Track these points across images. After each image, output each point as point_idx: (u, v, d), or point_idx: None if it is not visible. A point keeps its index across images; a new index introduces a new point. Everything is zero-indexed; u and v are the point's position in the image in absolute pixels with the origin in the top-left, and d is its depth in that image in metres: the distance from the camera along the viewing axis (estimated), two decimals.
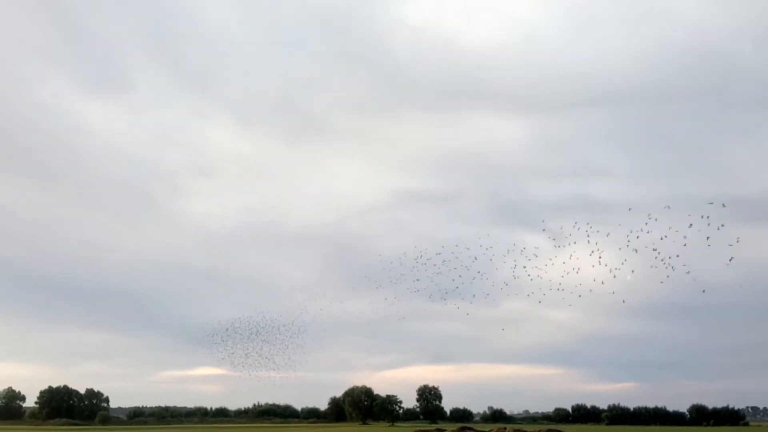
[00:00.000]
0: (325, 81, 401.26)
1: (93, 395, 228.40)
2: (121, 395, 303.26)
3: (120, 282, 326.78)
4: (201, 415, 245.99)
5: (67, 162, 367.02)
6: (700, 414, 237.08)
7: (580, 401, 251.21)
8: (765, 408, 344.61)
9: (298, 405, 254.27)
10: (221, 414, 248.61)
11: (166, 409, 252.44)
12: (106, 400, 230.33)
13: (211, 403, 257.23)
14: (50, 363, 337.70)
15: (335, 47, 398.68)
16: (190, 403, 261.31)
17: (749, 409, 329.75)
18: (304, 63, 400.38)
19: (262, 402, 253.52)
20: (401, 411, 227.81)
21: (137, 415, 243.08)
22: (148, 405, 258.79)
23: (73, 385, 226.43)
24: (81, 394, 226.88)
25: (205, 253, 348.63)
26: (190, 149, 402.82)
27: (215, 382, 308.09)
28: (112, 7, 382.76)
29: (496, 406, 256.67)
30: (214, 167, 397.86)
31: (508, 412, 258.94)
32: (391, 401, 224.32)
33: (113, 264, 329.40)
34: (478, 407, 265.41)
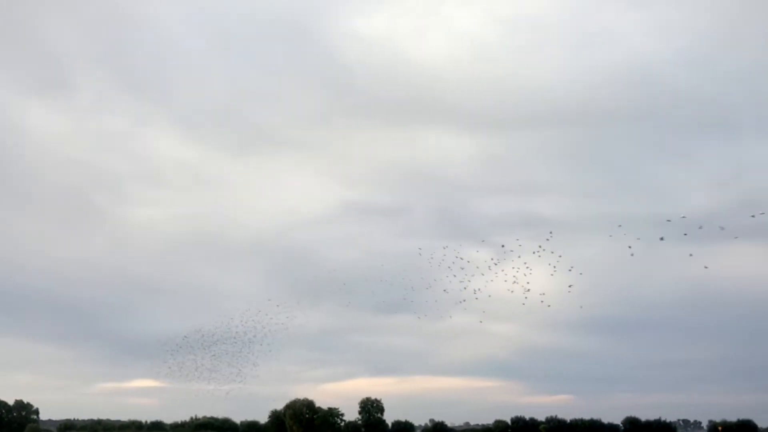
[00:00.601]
0: (276, 93, 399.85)
1: (22, 407, 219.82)
2: (52, 407, 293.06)
3: (55, 289, 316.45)
4: (135, 428, 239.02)
5: (6, 166, 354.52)
6: (633, 426, 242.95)
7: (519, 413, 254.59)
8: (695, 421, 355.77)
9: (238, 418, 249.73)
10: (157, 427, 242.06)
11: (99, 422, 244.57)
12: (36, 412, 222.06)
13: (147, 417, 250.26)
14: None
15: (287, 60, 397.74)
16: (125, 416, 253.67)
17: (680, 422, 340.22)
18: (254, 75, 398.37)
19: (200, 415, 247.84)
20: (343, 424, 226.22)
21: (68, 427, 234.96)
22: (80, 417, 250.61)
23: (1, 397, 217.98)
24: (9, 406, 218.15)
25: (147, 263, 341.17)
26: (135, 156, 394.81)
27: (151, 394, 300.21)
28: (59, 11, 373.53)
29: (437, 419, 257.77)
30: (159, 175, 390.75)
31: (449, 424, 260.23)
32: (333, 414, 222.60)
33: (49, 271, 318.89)
34: (419, 419, 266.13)
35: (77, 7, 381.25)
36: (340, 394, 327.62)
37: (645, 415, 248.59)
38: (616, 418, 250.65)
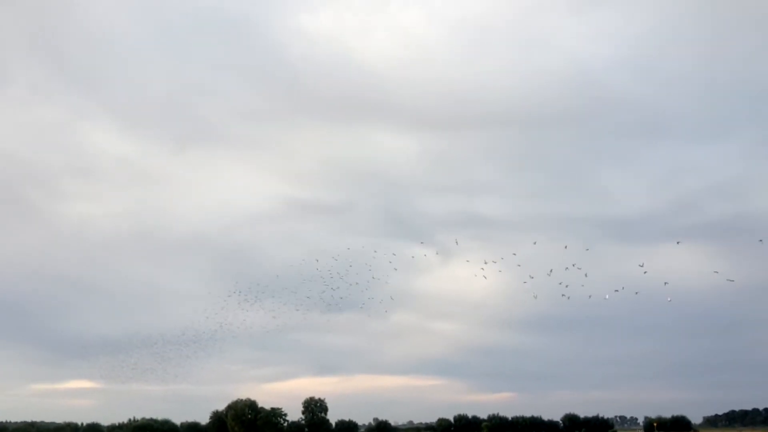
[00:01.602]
0: (218, 87, 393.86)
1: None
2: None
3: None
4: (71, 430, 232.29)
5: None
6: (572, 422, 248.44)
7: (462, 411, 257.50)
8: (632, 417, 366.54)
9: (178, 419, 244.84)
10: (93, 429, 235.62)
11: (32, 424, 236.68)
12: None
13: (83, 418, 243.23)
14: None
15: (229, 54, 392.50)
16: (60, 418, 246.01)
17: (618, 418, 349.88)
18: (196, 68, 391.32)
19: (139, 416, 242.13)
20: (286, 424, 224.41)
21: (1, 430, 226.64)
22: (13, 420, 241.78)
23: None
24: None
25: (82, 260, 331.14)
26: (69, 150, 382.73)
27: (88, 395, 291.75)
28: None
29: (381, 418, 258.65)
30: (94, 170, 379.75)
31: (393, 423, 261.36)
32: (275, 414, 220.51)
33: None
34: (363, 419, 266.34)
35: None
36: (283, 393, 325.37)
37: (584, 411, 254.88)
38: (556, 415, 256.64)
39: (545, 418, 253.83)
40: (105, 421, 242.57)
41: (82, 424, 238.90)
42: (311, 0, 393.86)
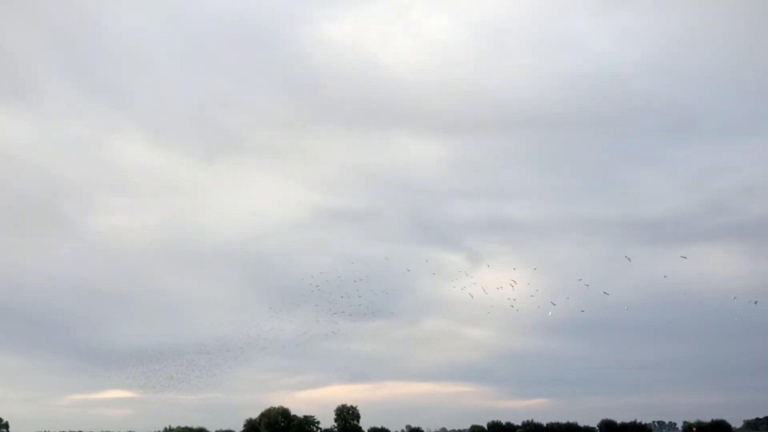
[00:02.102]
0: (245, 98, 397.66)
1: None
2: (23, 420, 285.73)
3: (23, 301, 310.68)
4: None
5: None
6: (609, 429, 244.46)
7: (495, 418, 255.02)
8: (671, 422, 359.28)
9: (212, 428, 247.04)
10: None
11: None
12: (6, 425, 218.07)
13: (120, 428, 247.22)
14: None
15: (256, 65, 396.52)
16: (97, 428, 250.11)
17: (656, 424, 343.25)
18: (223, 80, 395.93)
19: (174, 425, 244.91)
20: None
21: None
22: (52, 430, 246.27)
23: None
24: None
25: (115, 272, 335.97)
26: (101, 164, 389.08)
27: (124, 405, 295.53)
28: (23, 17, 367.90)
29: (413, 425, 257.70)
30: (126, 183, 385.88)
31: (425, 430, 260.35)
32: (308, 422, 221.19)
33: (16, 281, 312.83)
34: (396, 426, 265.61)
35: (43, 13, 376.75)
36: (315, 401, 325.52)
37: (621, 417, 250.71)
38: (592, 421, 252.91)
39: (581, 424, 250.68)
40: (141, 430, 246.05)
41: None
42: (334, 9, 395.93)
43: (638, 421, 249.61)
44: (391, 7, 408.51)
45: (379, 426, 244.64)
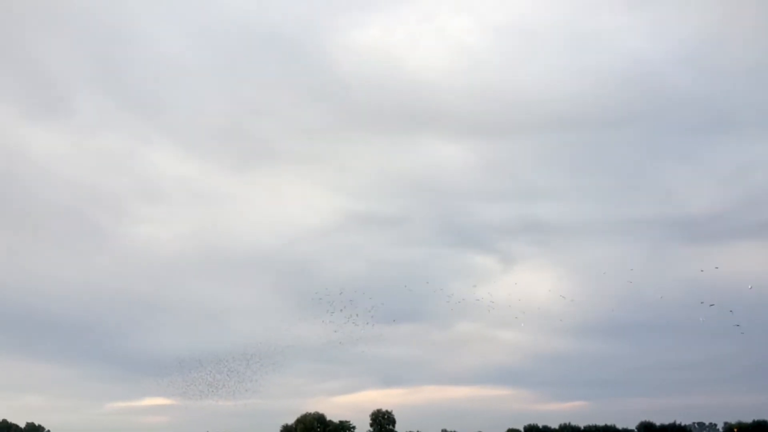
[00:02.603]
0: (274, 107, 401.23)
1: (34, 429, 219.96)
2: (64, 429, 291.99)
3: (61, 311, 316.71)
4: None
5: (7, 189, 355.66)
6: (648, 430, 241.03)
7: (532, 421, 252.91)
8: (711, 423, 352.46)
9: None
10: None
11: None
12: None
13: None
14: None
15: (284, 74, 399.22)
16: None
17: (696, 425, 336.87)
18: (252, 89, 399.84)
19: (212, 431, 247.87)
20: None
21: None
22: None
23: (12, 419, 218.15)
24: (21, 429, 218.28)
25: (150, 281, 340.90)
26: (135, 174, 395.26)
27: (163, 412, 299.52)
28: (57, 33, 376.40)
29: (449, 428, 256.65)
30: (159, 192, 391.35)
31: None
32: (344, 427, 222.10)
33: (54, 292, 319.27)
34: (431, 430, 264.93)
35: (75, 28, 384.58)
36: (350, 406, 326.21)
37: (660, 419, 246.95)
38: (631, 423, 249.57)
39: (619, 426, 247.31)
40: None
41: None
42: (360, 15, 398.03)
43: (678, 422, 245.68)
44: (416, 10, 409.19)
45: (414, 430, 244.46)
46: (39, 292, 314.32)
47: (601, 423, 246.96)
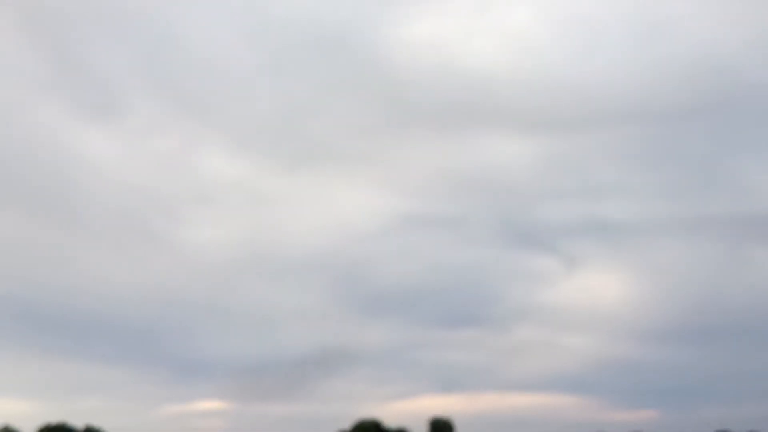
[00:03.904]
0: (325, 105, 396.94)
1: (92, 431, 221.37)
2: (121, 431, 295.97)
3: (117, 313, 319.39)
4: None
5: (61, 190, 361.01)
6: None
7: (599, 430, 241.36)
8: None
9: None
10: None
11: None
12: None
13: None
14: (47, 398, 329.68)
15: (334, 71, 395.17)
16: None
17: None
18: (302, 88, 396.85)
19: None
20: None
21: None
22: None
23: (71, 421, 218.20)
24: (80, 430, 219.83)
25: (204, 283, 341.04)
26: (187, 176, 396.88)
27: (218, 416, 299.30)
28: (108, 35, 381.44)
29: None
30: (212, 194, 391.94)
31: None
32: None
33: (110, 295, 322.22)
34: None
35: (125, 29, 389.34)
36: (407, 412, 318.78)
37: (737, 427, 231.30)
38: None
39: None
40: None
41: None
42: (412, 10, 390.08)
43: (756, 431, 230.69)
44: (471, 2, 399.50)
45: None
46: (94, 295, 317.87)
47: None
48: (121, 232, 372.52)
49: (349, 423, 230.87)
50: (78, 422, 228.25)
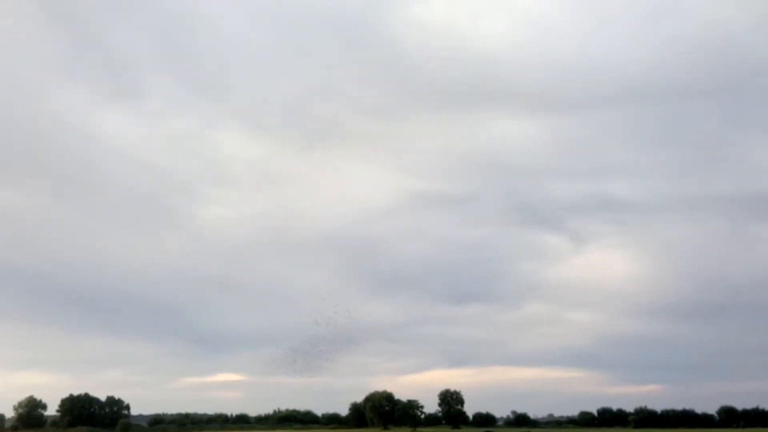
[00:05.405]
0: (338, 86, 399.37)
1: (114, 403, 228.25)
2: (142, 402, 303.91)
3: (137, 290, 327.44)
4: (222, 421, 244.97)
5: (83, 171, 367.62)
6: (729, 415, 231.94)
7: (605, 404, 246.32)
8: None
9: (319, 411, 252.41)
10: (242, 420, 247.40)
11: (187, 416, 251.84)
12: (127, 407, 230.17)
13: (232, 410, 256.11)
14: (71, 371, 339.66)
15: (347, 51, 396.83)
16: (211, 410, 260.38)
17: None
18: (316, 68, 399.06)
19: (283, 408, 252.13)
20: (423, 416, 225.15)
21: (158, 422, 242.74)
22: (169, 412, 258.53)
23: (93, 393, 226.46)
24: (102, 402, 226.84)
25: (221, 261, 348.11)
26: (204, 157, 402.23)
27: (235, 388, 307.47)
28: (126, 17, 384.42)
29: (519, 411, 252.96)
30: (228, 174, 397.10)
31: (532, 416, 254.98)
32: (412, 406, 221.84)
33: (130, 272, 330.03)
34: (501, 411, 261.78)
35: (144, 13, 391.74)
36: (418, 386, 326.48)
37: (742, 403, 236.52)
38: (711, 408, 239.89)
39: (698, 411, 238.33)
40: (252, 412, 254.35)
41: (231, 415, 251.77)
42: None
43: (761, 407, 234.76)
44: None
45: (484, 411, 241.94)
46: (116, 272, 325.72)
47: (679, 407, 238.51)
48: (140, 211, 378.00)
49: (362, 395, 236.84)
50: (101, 394, 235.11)
